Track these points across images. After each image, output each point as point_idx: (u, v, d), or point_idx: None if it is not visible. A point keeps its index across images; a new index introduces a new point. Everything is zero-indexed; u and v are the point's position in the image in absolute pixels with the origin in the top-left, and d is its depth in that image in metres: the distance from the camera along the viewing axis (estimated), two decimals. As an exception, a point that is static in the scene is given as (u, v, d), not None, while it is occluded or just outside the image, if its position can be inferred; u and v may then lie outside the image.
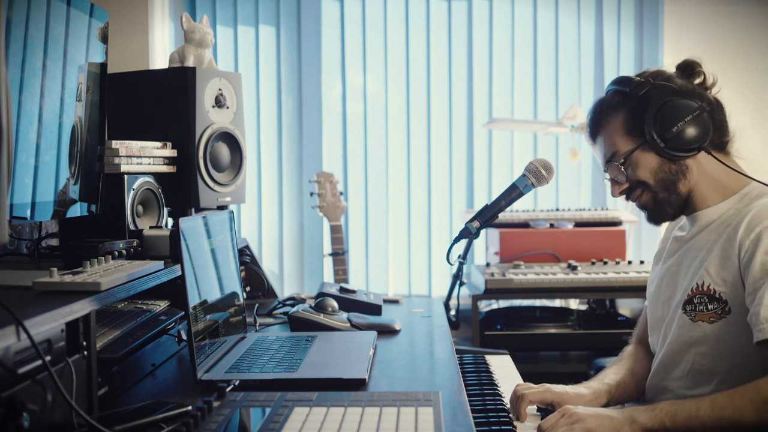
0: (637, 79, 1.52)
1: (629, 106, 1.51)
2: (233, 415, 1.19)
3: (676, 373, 1.52)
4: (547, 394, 1.48)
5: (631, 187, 1.55)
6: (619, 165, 1.53)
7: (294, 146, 3.62)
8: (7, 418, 0.93)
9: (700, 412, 1.27)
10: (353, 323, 1.87)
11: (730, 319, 1.42)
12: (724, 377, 1.43)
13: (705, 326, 1.45)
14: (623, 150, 1.52)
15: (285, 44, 3.59)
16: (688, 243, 1.56)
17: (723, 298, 1.43)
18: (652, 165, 1.50)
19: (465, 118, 3.62)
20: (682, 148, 1.48)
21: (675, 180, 1.51)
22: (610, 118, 1.54)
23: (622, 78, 1.56)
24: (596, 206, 3.53)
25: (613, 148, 1.54)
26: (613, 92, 1.56)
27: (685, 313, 1.49)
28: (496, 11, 3.57)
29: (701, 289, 1.46)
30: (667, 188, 1.51)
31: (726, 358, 1.44)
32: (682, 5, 3.48)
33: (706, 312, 1.45)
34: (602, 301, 3.03)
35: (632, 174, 1.53)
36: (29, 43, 1.32)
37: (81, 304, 1.16)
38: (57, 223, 1.87)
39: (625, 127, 1.52)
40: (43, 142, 1.39)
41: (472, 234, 1.86)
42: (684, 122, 1.46)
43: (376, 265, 3.63)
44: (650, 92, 1.49)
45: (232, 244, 1.77)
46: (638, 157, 1.51)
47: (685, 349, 1.50)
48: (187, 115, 2.00)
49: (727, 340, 1.43)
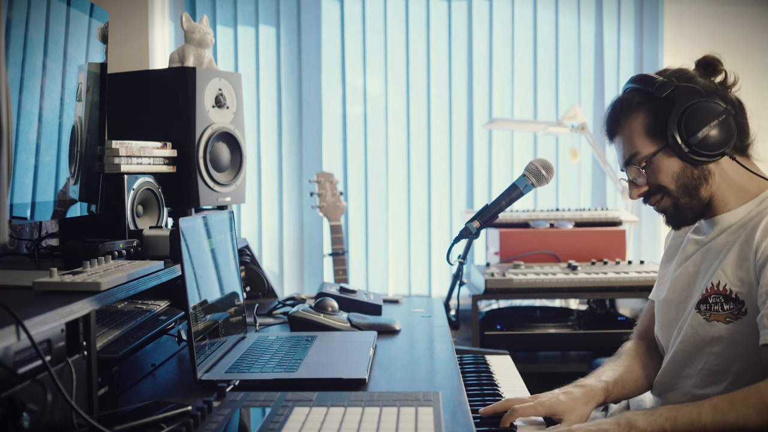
0: (660, 79, 1.47)
1: (651, 107, 1.47)
2: (233, 415, 1.19)
3: (688, 371, 1.50)
4: (539, 408, 1.43)
5: (651, 190, 1.51)
6: (639, 168, 1.48)
7: (294, 146, 3.62)
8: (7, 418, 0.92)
9: (702, 417, 1.25)
10: (353, 323, 1.87)
11: (746, 320, 1.40)
12: (735, 378, 1.42)
13: (720, 326, 1.43)
14: (644, 152, 1.48)
15: (285, 44, 3.59)
16: (707, 246, 1.53)
17: (740, 299, 1.41)
18: (674, 169, 1.47)
19: (465, 118, 3.62)
20: (706, 154, 1.43)
21: (697, 185, 1.47)
22: (630, 118, 1.50)
23: (644, 77, 1.51)
24: (596, 206, 3.53)
25: (633, 149, 1.49)
26: (634, 91, 1.51)
27: (700, 312, 1.47)
28: (496, 11, 3.57)
29: (717, 288, 1.44)
30: (689, 193, 1.48)
31: (739, 360, 1.42)
32: (682, 5, 3.48)
33: (722, 312, 1.43)
34: (602, 301, 3.03)
35: (653, 177, 1.49)
36: (29, 43, 1.32)
37: (81, 304, 1.16)
38: (57, 223, 1.87)
39: (647, 129, 1.47)
40: (43, 142, 1.39)
41: (472, 234, 1.87)
42: (709, 127, 1.42)
43: (376, 265, 3.63)
44: (674, 93, 1.45)
45: (232, 244, 1.77)
46: (660, 160, 1.47)
47: (698, 348, 1.48)
48: (187, 115, 2.00)
49: (741, 341, 1.41)
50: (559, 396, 1.47)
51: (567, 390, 1.51)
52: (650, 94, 1.47)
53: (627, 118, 1.50)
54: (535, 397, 1.47)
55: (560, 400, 1.46)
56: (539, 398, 1.46)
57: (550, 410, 1.43)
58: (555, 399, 1.46)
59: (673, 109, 1.44)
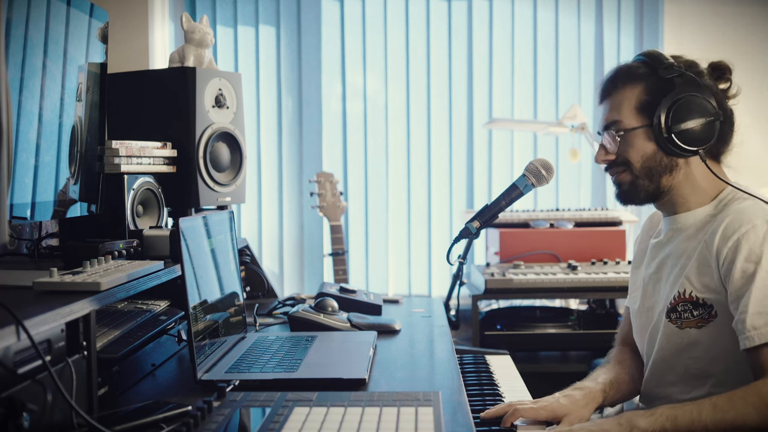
0: (669, 61, 1.49)
1: (651, 83, 1.48)
2: (233, 415, 1.19)
3: (669, 378, 1.52)
4: (541, 411, 1.44)
5: (617, 161, 1.53)
6: (615, 135, 1.50)
7: (294, 146, 3.62)
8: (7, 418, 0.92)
9: (702, 416, 1.27)
10: (353, 323, 1.87)
11: (718, 321, 1.42)
12: (718, 379, 1.44)
13: (693, 332, 1.45)
14: (626, 124, 1.50)
15: (285, 44, 3.59)
16: (666, 249, 1.55)
17: (708, 303, 1.43)
18: (646, 150, 1.49)
19: (465, 118, 3.62)
20: (681, 146, 1.46)
21: (661, 173, 1.49)
22: (628, 86, 1.51)
23: (656, 54, 1.52)
24: (596, 206, 3.53)
25: (617, 116, 1.51)
26: (641, 63, 1.53)
27: (671, 321, 1.48)
28: (496, 11, 3.57)
29: (683, 296, 1.46)
30: (650, 177, 1.50)
31: (719, 361, 1.43)
32: (682, 5, 3.48)
33: (693, 318, 1.45)
34: (602, 301, 3.03)
35: (623, 150, 1.51)
36: (29, 43, 1.32)
37: (81, 304, 1.16)
38: (57, 223, 1.87)
39: (638, 102, 1.49)
40: (43, 142, 1.39)
41: (472, 234, 1.86)
42: (694, 122, 1.44)
43: (376, 265, 3.63)
44: (676, 79, 1.46)
45: (232, 244, 1.77)
46: (636, 136, 1.49)
47: (675, 355, 1.49)
48: (187, 115, 2.00)
49: (718, 343, 1.43)
50: (559, 399, 1.48)
51: (567, 393, 1.52)
52: (655, 71, 1.48)
53: (624, 85, 1.51)
54: (536, 402, 1.48)
55: (561, 404, 1.47)
56: (540, 402, 1.47)
57: (551, 413, 1.44)
58: (556, 402, 1.47)
59: (669, 93, 1.45)
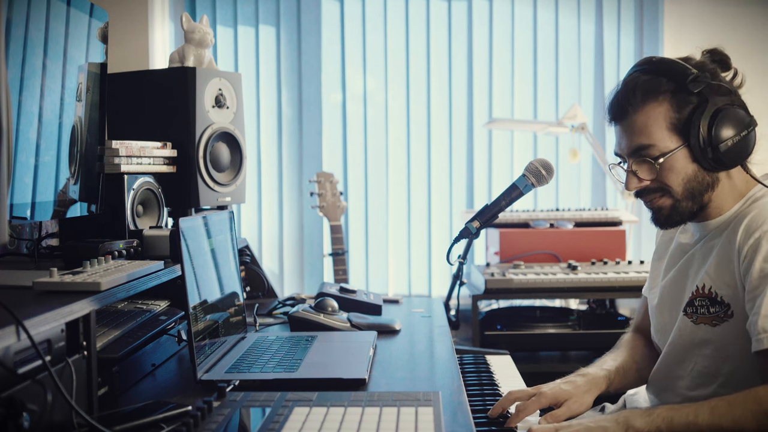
0: (693, 72, 1.37)
1: (678, 99, 1.37)
2: (233, 415, 1.19)
3: (678, 372, 1.50)
4: (542, 400, 1.43)
5: (652, 187, 1.42)
6: (652, 162, 1.39)
7: (294, 146, 3.62)
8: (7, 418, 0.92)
9: (699, 419, 1.25)
10: (353, 323, 1.87)
11: (733, 322, 1.39)
12: (725, 380, 1.42)
13: (707, 329, 1.42)
14: (661, 147, 1.38)
15: (285, 44, 3.59)
16: (693, 249, 1.50)
17: (725, 302, 1.39)
18: (687, 172, 1.39)
19: (465, 118, 3.62)
20: (726, 163, 1.37)
21: (703, 192, 1.41)
22: (649, 105, 1.38)
23: (674, 64, 1.39)
24: (596, 206, 3.53)
25: (649, 140, 1.38)
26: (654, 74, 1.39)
27: (686, 315, 1.46)
28: (496, 11, 3.57)
29: (702, 291, 1.43)
30: (693, 198, 1.41)
31: (728, 362, 1.41)
32: (682, 5, 3.48)
33: (708, 315, 1.42)
34: (602, 301, 3.03)
35: (661, 175, 1.40)
36: (29, 43, 1.32)
37: (81, 304, 1.16)
38: (57, 223, 1.87)
39: (670, 122, 1.37)
40: (43, 142, 1.39)
41: (472, 234, 1.86)
42: (738, 136, 1.35)
43: (376, 265, 3.63)
44: (706, 91, 1.36)
45: (232, 244, 1.77)
46: (675, 159, 1.38)
47: (687, 350, 1.48)
48: (187, 115, 2.00)
49: (730, 344, 1.40)
50: (560, 385, 1.49)
51: (569, 379, 1.52)
52: (682, 85, 1.37)
53: (645, 104, 1.38)
54: (537, 389, 1.47)
55: (562, 389, 1.47)
56: (541, 389, 1.47)
57: (553, 400, 1.45)
58: (557, 388, 1.47)
59: (701, 108, 1.35)
